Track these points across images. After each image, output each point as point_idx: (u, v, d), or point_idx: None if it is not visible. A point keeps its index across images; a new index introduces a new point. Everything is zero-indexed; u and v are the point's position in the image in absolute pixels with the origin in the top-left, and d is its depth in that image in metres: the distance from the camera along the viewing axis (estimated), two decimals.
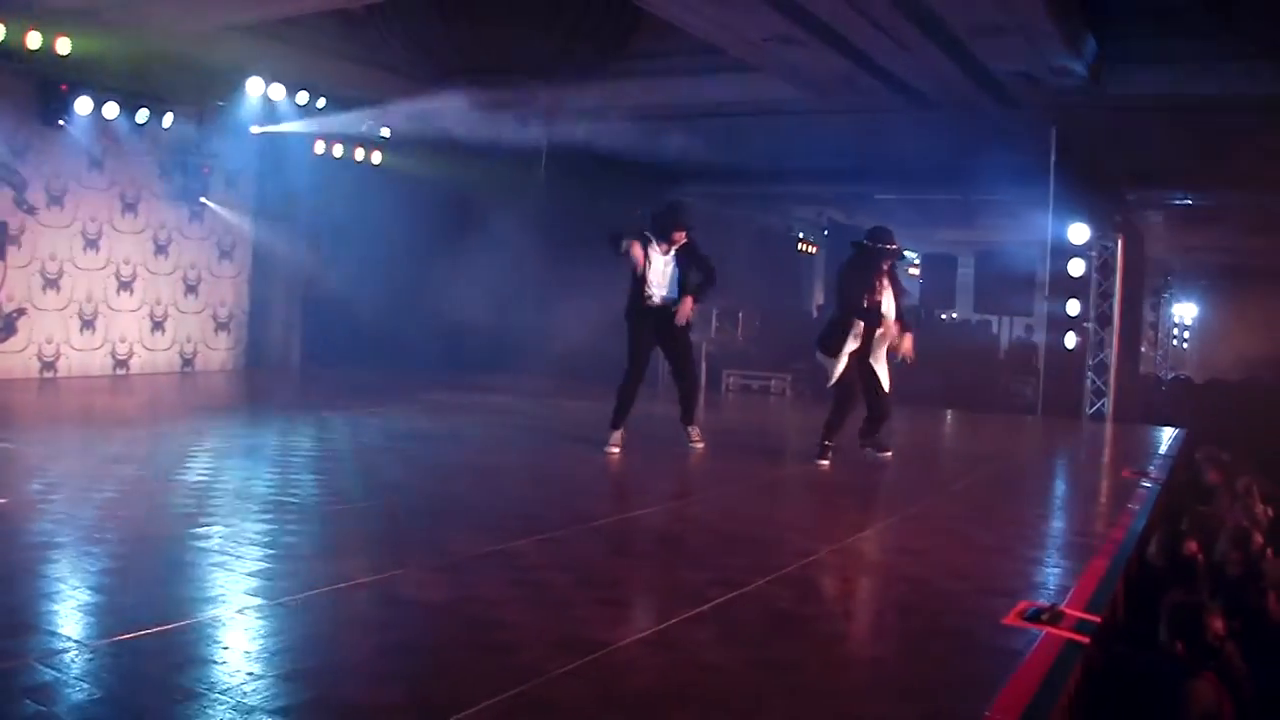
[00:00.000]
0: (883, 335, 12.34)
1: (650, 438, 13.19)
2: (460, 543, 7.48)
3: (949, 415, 19.33)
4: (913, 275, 33.22)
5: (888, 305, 12.40)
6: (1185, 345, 42.52)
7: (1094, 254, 21.36)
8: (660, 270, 12.74)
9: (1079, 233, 20.78)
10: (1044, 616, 6.24)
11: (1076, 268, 20.98)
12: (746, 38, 17.72)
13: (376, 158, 22.41)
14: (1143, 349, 35.40)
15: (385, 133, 22.31)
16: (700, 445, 12.90)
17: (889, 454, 12.80)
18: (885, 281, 12.47)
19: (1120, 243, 21.71)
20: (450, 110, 20.67)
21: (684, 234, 12.71)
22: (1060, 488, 13.32)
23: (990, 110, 20.09)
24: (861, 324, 12.22)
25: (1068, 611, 6.42)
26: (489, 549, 7.31)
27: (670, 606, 6.11)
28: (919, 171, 23.07)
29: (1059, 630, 6.08)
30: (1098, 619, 6.48)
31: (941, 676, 5.39)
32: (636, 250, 12.52)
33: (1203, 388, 31.33)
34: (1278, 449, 18.19)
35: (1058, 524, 10.07)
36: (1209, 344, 41.33)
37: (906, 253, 36.21)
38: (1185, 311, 42.37)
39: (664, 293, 12.79)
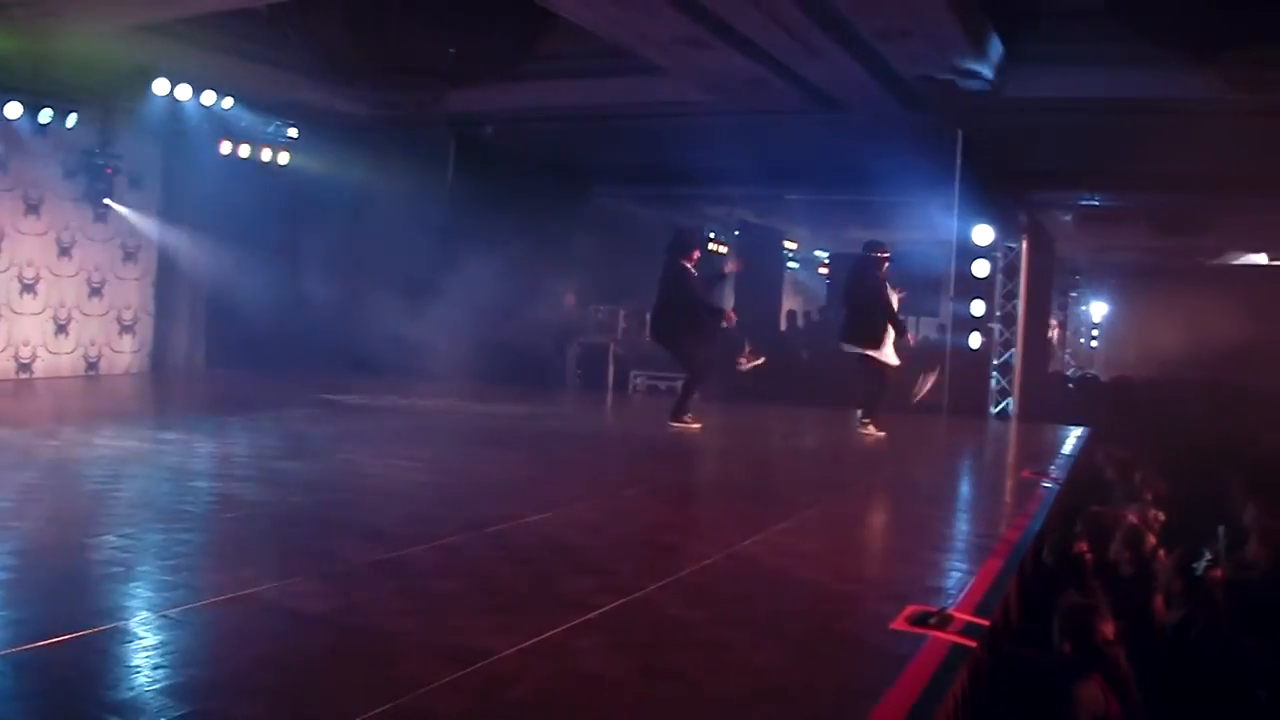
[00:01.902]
0: None
1: (559, 441, 13.17)
2: (351, 550, 7.41)
3: (856, 415, 19.43)
4: (821, 275, 33.51)
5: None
6: (1095, 344, 42.89)
7: (999, 255, 21.53)
8: None
9: (983, 234, 20.93)
10: (932, 620, 6.26)
11: (981, 269, 21.13)
12: (654, 40, 17.71)
13: (284, 158, 22.25)
14: (1058, 348, 35.82)
15: (292, 133, 22.19)
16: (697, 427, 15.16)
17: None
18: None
19: (1024, 244, 21.92)
20: (357, 111, 20.62)
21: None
22: (960, 488, 13.41)
23: (897, 112, 20.23)
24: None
25: (956, 615, 6.44)
26: (380, 557, 7.25)
27: (557, 614, 6.02)
28: (827, 173, 23.15)
29: (946, 634, 6.10)
30: (986, 622, 6.50)
31: (827, 682, 5.38)
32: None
33: (1109, 386, 31.64)
34: (1178, 447, 18.39)
35: (954, 525, 10.09)
36: (1118, 342, 41.72)
37: (818, 252, 36.56)
38: (1095, 310, 42.75)
39: None
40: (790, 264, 35.83)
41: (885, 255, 16.21)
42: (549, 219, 22.67)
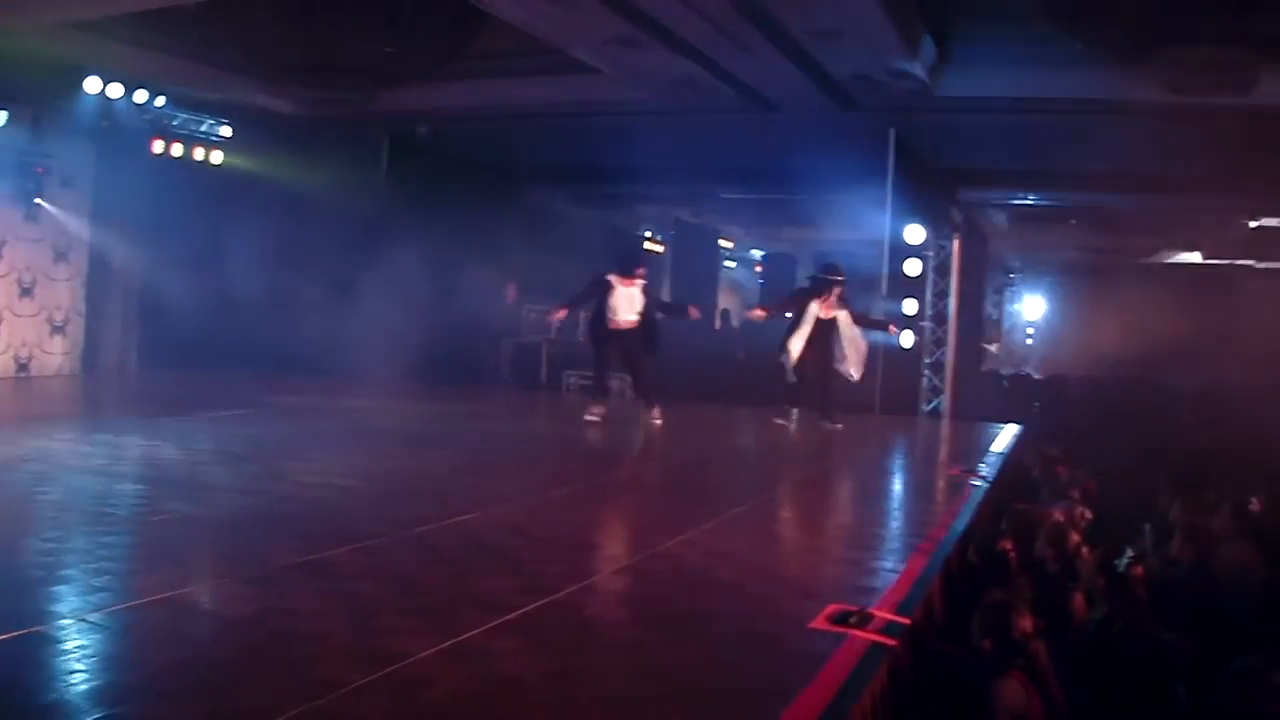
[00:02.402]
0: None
1: (489, 441, 13.17)
2: (277, 552, 7.36)
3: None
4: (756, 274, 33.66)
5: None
6: (1030, 342, 43.10)
7: (931, 254, 21.66)
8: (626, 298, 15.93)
9: (915, 233, 21.05)
10: (852, 619, 6.29)
11: (913, 268, 21.25)
12: (586, 39, 17.76)
13: (216, 157, 22.15)
14: (990, 346, 35.98)
15: (225, 132, 22.10)
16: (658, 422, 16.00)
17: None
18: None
19: (956, 243, 22.05)
20: (290, 110, 20.56)
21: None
22: (887, 487, 13.39)
23: (830, 111, 20.29)
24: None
25: (876, 614, 6.48)
26: (304, 559, 7.21)
27: (477, 616, 6.02)
28: (761, 171, 23.25)
29: (866, 633, 6.13)
30: (906, 620, 6.54)
31: (742, 682, 5.41)
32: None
33: (1043, 384, 31.80)
34: (1109, 445, 18.53)
35: (880, 524, 10.06)
36: (1054, 340, 41.94)
37: (754, 251, 36.65)
38: (1031, 308, 42.98)
39: (629, 316, 16.02)
40: (727, 263, 35.94)
41: (838, 280, 16.93)
42: (482, 218, 22.65)
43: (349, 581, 6.80)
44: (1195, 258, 36.50)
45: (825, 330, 16.70)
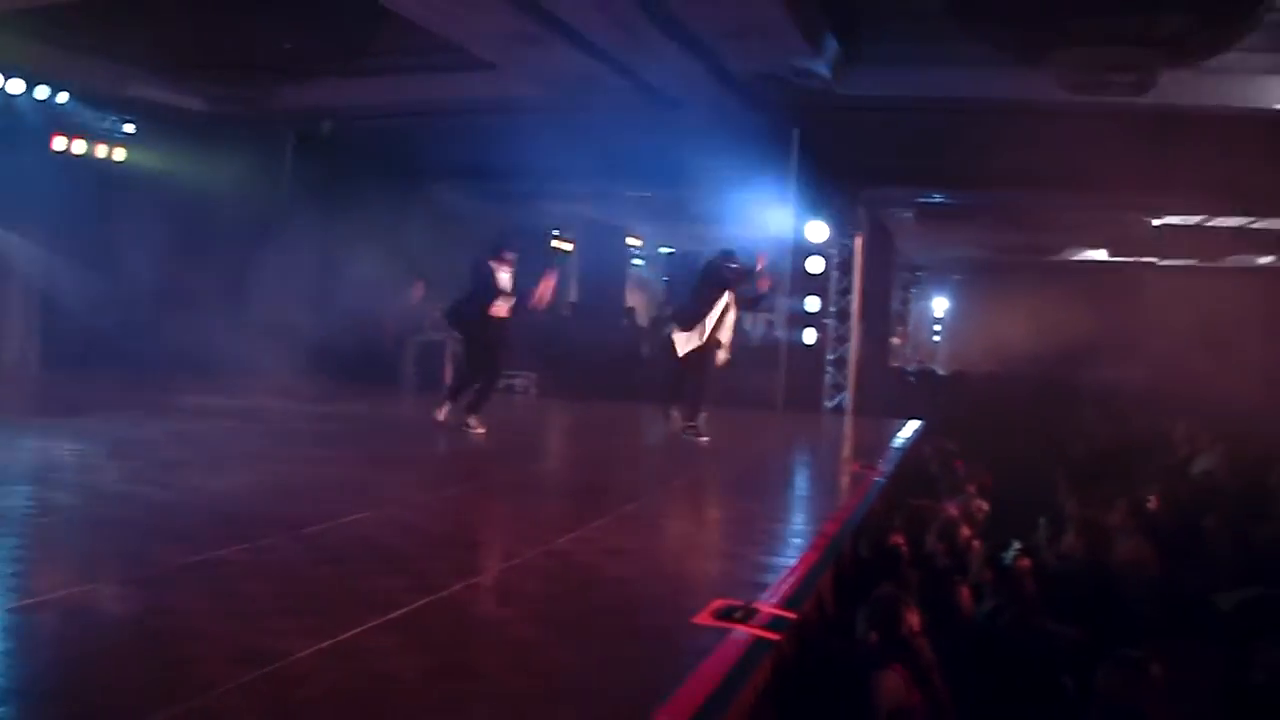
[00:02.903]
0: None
1: (389, 440, 13.13)
2: (164, 553, 7.24)
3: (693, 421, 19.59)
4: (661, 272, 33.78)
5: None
6: (937, 339, 43.49)
7: (833, 251, 21.82)
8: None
9: (818, 231, 21.20)
10: (737, 614, 6.30)
11: (815, 265, 21.42)
12: (489, 37, 17.78)
13: (119, 155, 21.95)
14: (896, 342, 36.23)
15: (129, 129, 21.91)
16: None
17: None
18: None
19: (859, 240, 22.23)
20: (194, 106, 20.41)
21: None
22: (785, 483, 13.48)
23: (735, 110, 20.37)
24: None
25: (762, 609, 6.50)
26: (191, 559, 7.11)
27: (361, 614, 5.96)
28: (666, 169, 23.27)
29: (750, 628, 6.14)
30: (793, 615, 6.57)
31: (622, 678, 5.41)
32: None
33: (947, 380, 32.15)
34: (1010, 440, 18.75)
35: (775, 520, 10.05)
36: (961, 337, 42.34)
37: (662, 249, 36.68)
38: (938, 306, 43.35)
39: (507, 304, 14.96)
40: (635, 261, 35.97)
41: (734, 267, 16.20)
42: (387, 216, 22.57)
43: (235, 581, 6.72)
44: (1101, 255, 36.91)
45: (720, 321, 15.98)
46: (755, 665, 5.72)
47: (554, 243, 31.89)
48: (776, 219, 21.49)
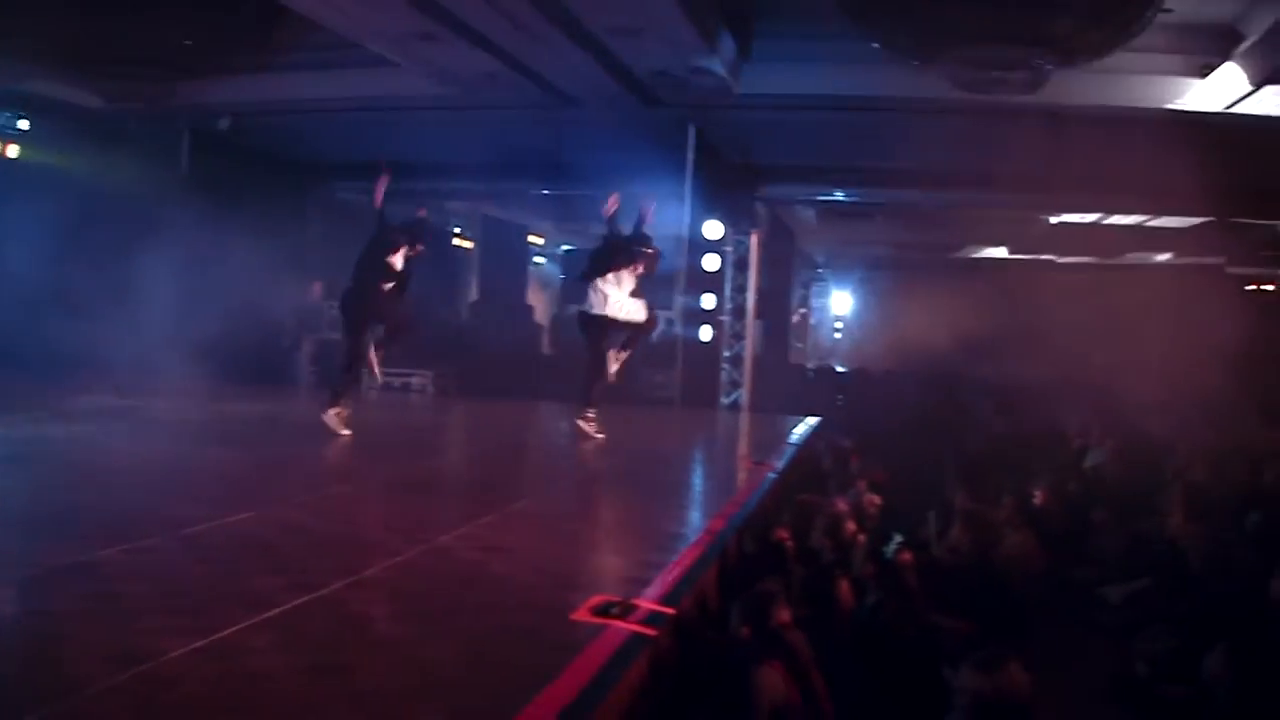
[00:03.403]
0: None
1: (280, 439, 13.05)
2: (44, 554, 7.14)
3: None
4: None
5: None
6: (838, 336, 43.74)
7: (729, 249, 21.92)
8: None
9: (713, 229, 21.30)
10: (614, 610, 6.33)
11: (711, 263, 21.51)
12: (386, 34, 17.68)
13: (13, 151, 21.67)
14: (796, 340, 36.41)
15: (23, 125, 21.64)
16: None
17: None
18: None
19: (754, 238, 22.33)
20: (90, 103, 20.19)
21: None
22: (676, 479, 13.38)
23: (633, 108, 20.40)
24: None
25: (640, 604, 6.54)
26: (71, 560, 7.02)
27: (237, 614, 5.94)
28: (565, 167, 23.31)
29: (627, 624, 6.18)
30: (671, 611, 6.61)
31: (494, 674, 5.43)
32: None
33: (847, 377, 32.36)
34: (906, 435, 18.90)
35: (662, 516, 10.05)
36: (862, 334, 42.62)
37: (564, 247, 36.67)
38: (840, 303, 43.61)
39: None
40: (537, 259, 35.96)
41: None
42: (286, 214, 22.47)
43: (114, 582, 6.65)
44: (1001, 253, 37.28)
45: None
46: (630, 661, 5.75)
47: (455, 241, 31.85)
48: (674, 216, 21.55)
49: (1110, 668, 9.80)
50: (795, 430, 17.59)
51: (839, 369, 36.19)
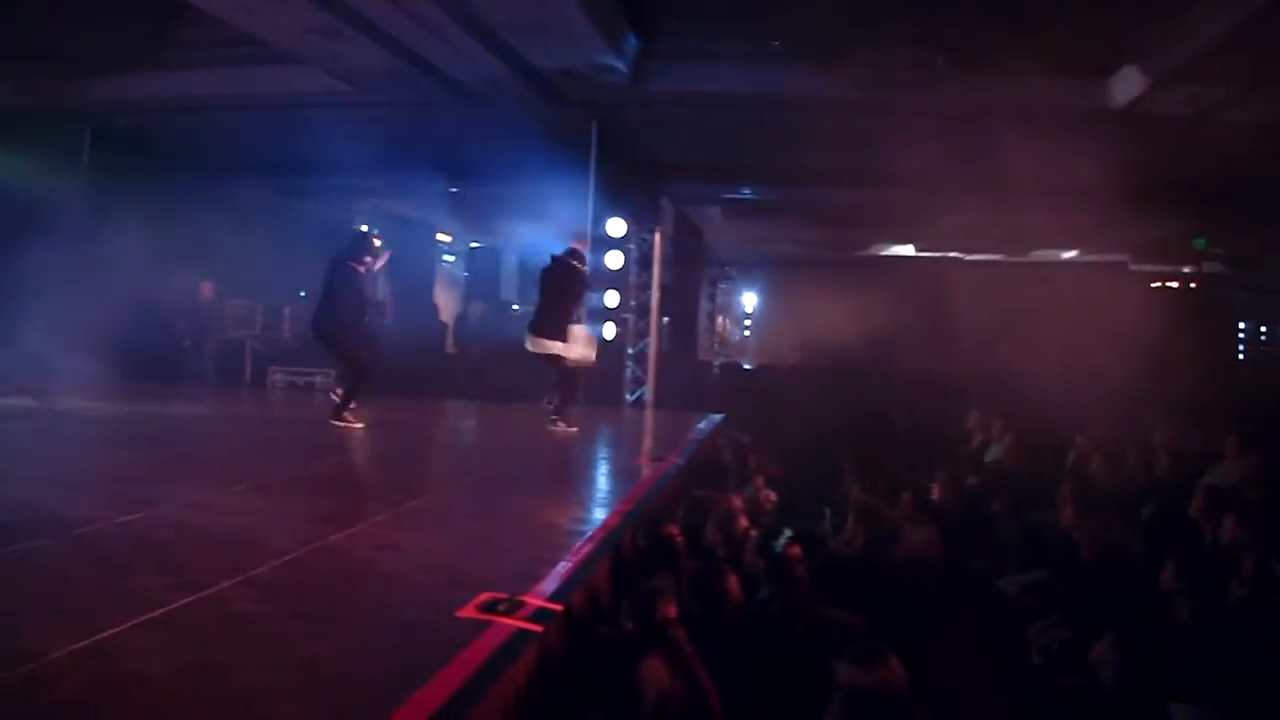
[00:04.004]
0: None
1: (178, 439, 12.95)
2: None
3: (489, 406, 19.58)
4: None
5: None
6: (747, 333, 43.90)
7: (632, 246, 22.00)
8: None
9: (616, 226, 21.37)
10: (501, 607, 6.35)
11: (614, 260, 21.58)
12: (287, 30, 17.61)
13: None
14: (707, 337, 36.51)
15: None
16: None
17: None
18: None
19: (657, 235, 22.42)
20: None
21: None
22: (574, 476, 13.46)
23: (537, 105, 20.43)
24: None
25: (528, 600, 6.58)
26: None
27: (121, 614, 5.89)
28: (471, 165, 23.31)
29: (513, 620, 6.21)
30: (558, 607, 6.65)
31: (375, 672, 5.43)
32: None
33: (754, 373, 32.50)
34: (808, 431, 19.01)
35: (558, 513, 10.07)
36: (771, 331, 42.81)
37: (472, 245, 36.63)
38: (748, 301, 43.76)
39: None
40: (446, 257, 35.87)
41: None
42: (190, 212, 22.27)
43: None
44: (908, 250, 37.56)
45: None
46: (515, 657, 5.78)
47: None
48: (579, 214, 21.61)
49: (1006, 658, 9.96)
50: (697, 427, 17.67)
51: (746, 366, 36.34)
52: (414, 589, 6.95)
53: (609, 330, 21.75)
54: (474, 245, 35.92)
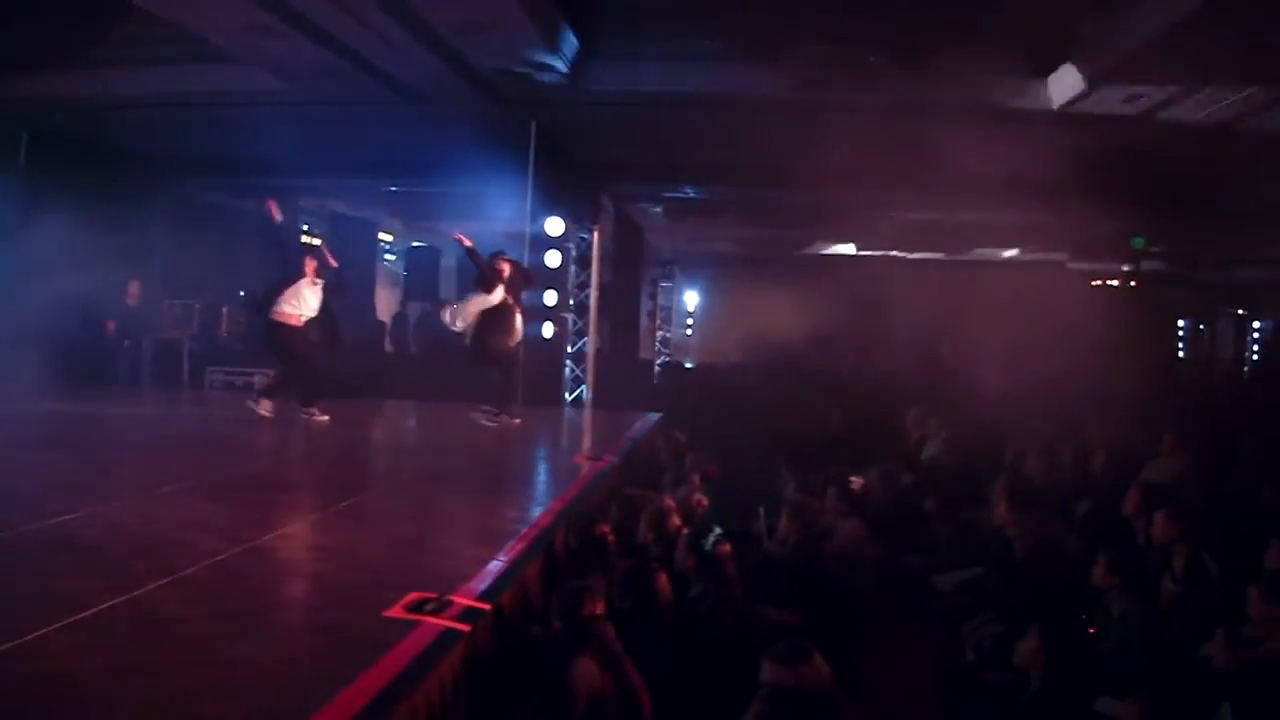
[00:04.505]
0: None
1: (112, 440, 12.88)
2: None
3: (427, 406, 19.56)
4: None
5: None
6: (689, 332, 43.95)
7: (571, 245, 22.03)
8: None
9: (554, 225, 21.40)
10: (429, 607, 6.37)
11: (553, 259, 21.61)
12: (224, 27, 17.53)
13: None
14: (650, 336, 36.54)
15: None
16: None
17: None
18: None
19: (596, 234, 22.45)
20: None
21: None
22: (509, 476, 13.47)
23: (477, 104, 20.40)
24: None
25: (456, 600, 6.60)
26: None
27: (48, 616, 5.88)
28: (412, 164, 23.29)
29: (440, 619, 6.23)
30: (486, 606, 6.67)
31: (300, 672, 5.45)
32: None
33: (694, 372, 32.58)
34: (746, 429, 19.08)
35: (490, 513, 10.09)
36: (713, 330, 42.87)
37: (415, 244, 36.59)
38: (690, 299, 43.82)
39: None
40: (387, 256, 35.77)
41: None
42: (129, 212, 22.15)
43: None
44: (849, 249, 37.67)
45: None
46: (441, 656, 5.80)
47: (303, 238, 31.62)
48: (518, 213, 21.64)
49: (940, 655, 10.05)
50: (634, 426, 17.71)
51: (687, 365, 36.42)
52: (342, 590, 6.96)
53: (547, 329, 21.78)
54: (415, 245, 35.85)
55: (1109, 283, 36.08)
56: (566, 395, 22.33)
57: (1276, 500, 12.11)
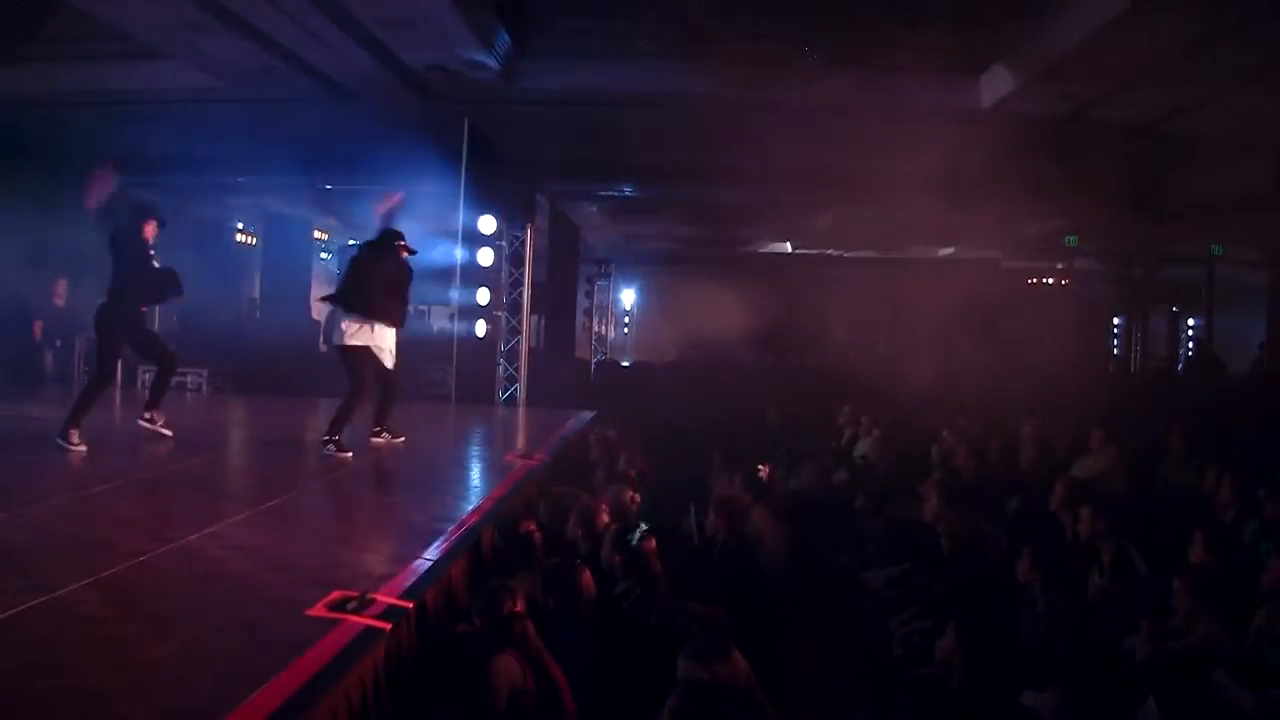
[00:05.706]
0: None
1: (36, 442, 12.76)
2: None
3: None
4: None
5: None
6: (626, 330, 43.96)
7: (504, 244, 22.01)
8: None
9: (487, 223, 21.39)
10: (351, 605, 6.37)
11: (486, 257, 21.59)
12: (157, 24, 17.47)
13: None
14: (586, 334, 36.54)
15: None
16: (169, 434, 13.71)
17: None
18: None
19: (529, 232, 22.43)
20: None
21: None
22: (437, 475, 13.27)
23: (410, 101, 20.38)
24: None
25: (379, 598, 6.59)
26: None
27: None
28: (345, 161, 23.18)
29: (362, 618, 6.23)
30: (408, 605, 6.68)
31: (218, 670, 5.44)
32: None
33: (630, 370, 32.60)
34: (681, 427, 19.13)
35: (418, 511, 10.05)
36: (650, 328, 42.92)
37: (351, 242, 36.44)
38: (627, 297, 43.84)
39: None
40: (323, 254, 35.62)
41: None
42: (52, 212, 21.94)
43: None
44: (785, 248, 37.79)
45: None
46: (361, 655, 5.81)
47: (238, 236, 31.47)
48: (450, 211, 21.59)
49: (869, 650, 10.12)
50: (567, 424, 17.70)
51: (623, 363, 36.43)
52: (265, 588, 6.92)
53: (480, 328, 21.74)
54: (350, 242, 35.74)
55: (1044, 280, 36.33)
56: (500, 394, 22.30)
57: (1202, 495, 12.25)
